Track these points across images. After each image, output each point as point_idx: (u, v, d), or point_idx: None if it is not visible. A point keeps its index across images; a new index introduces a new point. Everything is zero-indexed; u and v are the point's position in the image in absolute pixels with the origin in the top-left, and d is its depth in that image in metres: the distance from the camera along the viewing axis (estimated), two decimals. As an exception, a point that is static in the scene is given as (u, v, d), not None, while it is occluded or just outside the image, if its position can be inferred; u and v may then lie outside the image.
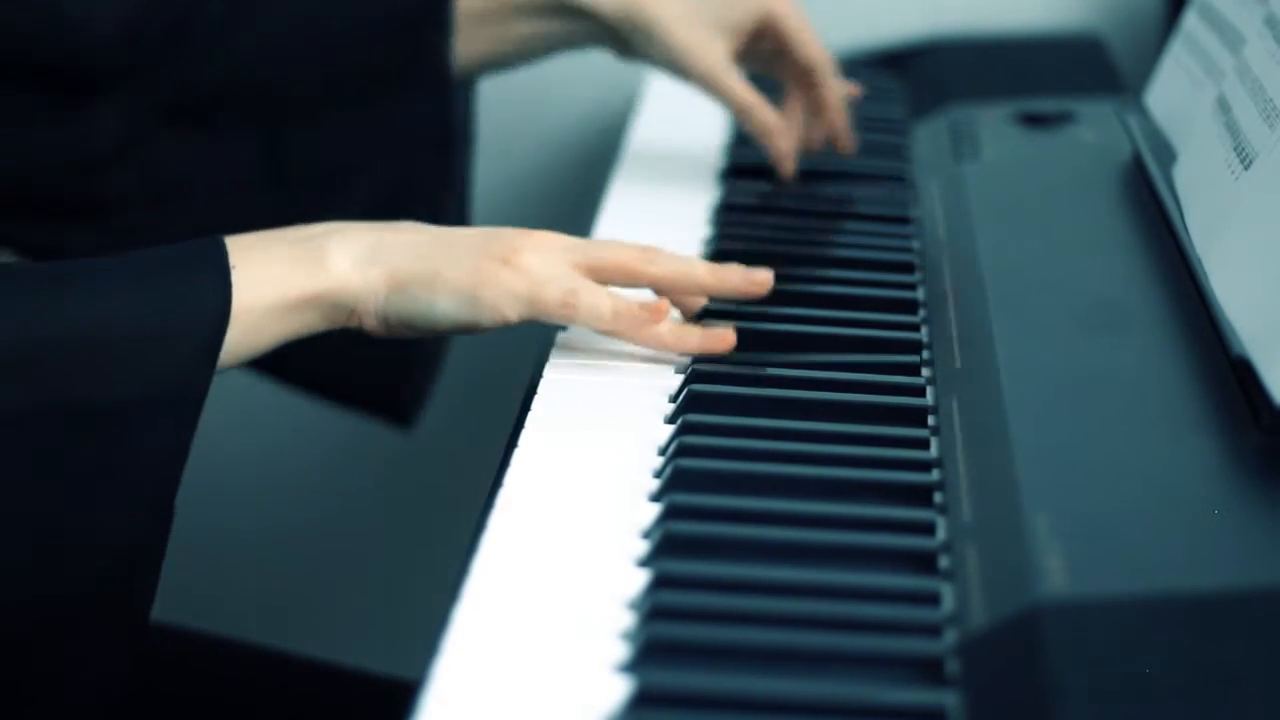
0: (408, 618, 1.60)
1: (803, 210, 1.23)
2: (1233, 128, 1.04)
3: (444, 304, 0.96)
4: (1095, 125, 1.29)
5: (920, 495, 0.86)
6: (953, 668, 0.74)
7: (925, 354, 1.00)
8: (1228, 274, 0.95)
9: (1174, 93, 1.21)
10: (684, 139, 1.37)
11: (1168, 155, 1.15)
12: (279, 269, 0.93)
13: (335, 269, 0.94)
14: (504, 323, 0.96)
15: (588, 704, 0.72)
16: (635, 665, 0.74)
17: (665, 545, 0.82)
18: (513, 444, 0.91)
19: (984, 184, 1.20)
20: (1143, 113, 1.24)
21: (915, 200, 1.24)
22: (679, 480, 0.87)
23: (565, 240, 0.99)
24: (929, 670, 0.74)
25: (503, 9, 1.27)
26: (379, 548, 1.81)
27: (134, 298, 0.90)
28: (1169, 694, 0.70)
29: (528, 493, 0.87)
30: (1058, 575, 0.75)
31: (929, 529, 0.84)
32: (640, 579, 0.80)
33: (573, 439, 0.92)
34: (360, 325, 0.96)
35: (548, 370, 0.99)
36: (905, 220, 1.21)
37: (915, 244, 1.16)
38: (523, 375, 1.01)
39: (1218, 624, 0.73)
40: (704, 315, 1.03)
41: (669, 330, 0.99)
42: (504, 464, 0.89)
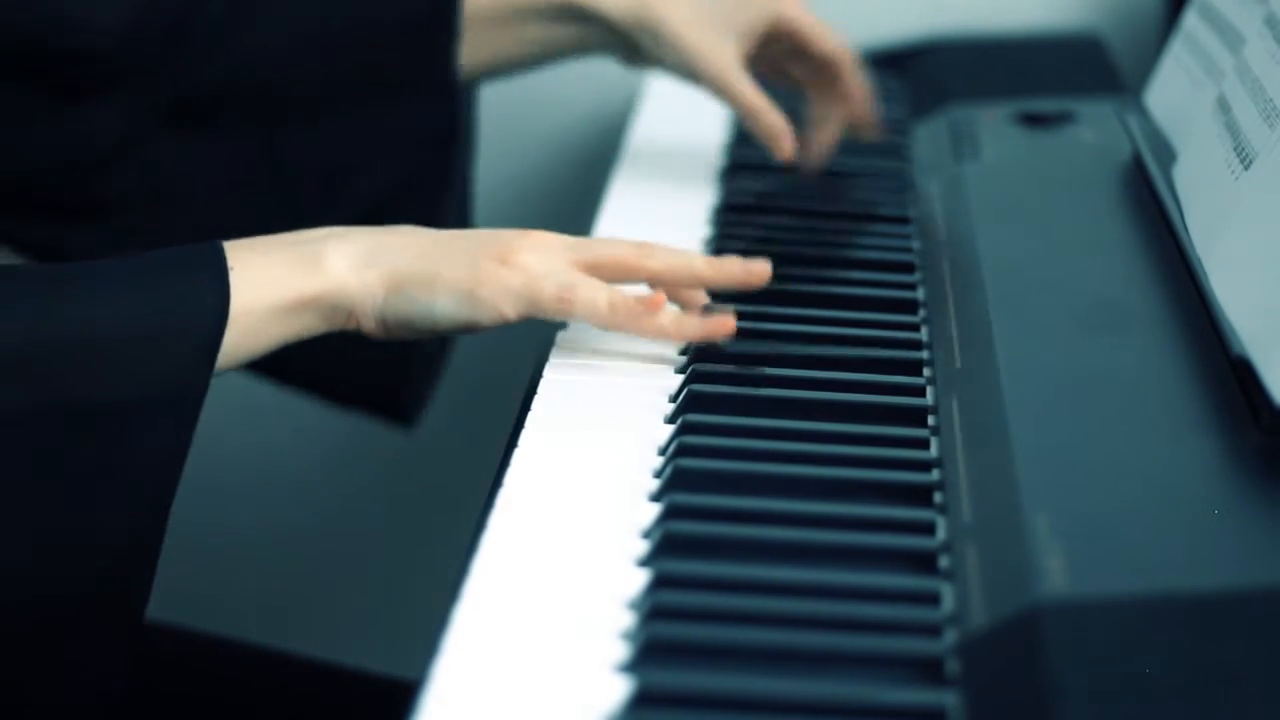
0: (408, 618, 1.60)
1: (803, 210, 1.23)
2: (1233, 128, 1.04)
3: (443, 303, 0.96)
4: (1095, 125, 1.29)
5: (920, 495, 0.86)
6: (953, 668, 0.74)
7: (925, 354, 1.00)
8: (1228, 274, 0.95)
9: (1174, 93, 1.21)
10: (684, 139, 1.37)
11: (1168, 155, 1.15)
12: (277, 271, 0.93)
13: (332, 271, 0.94)
14: (503, 320, 0.96)
15: (588, 704, 0.72)
16: (635, 665, 0.74)
17: (665, 545, 0.82)
18: (513, 444, 0.91)
19: (984, 184, 1.20)
20: (1143, 113, 1.24)
21: (915, 200, 1.24)
22: (679, 480, 0.87)
23: (563, 239, 0.99)
24: (929, 670, 0.74)
25: (510, 13, 1.27)
26: (379, 548, 1.81)
27: (133, 299, 0.90)
28: (1169, 694, 0.70)
29: (528, 493, 0.87)
30: (1058, 575, 0.75)
31: (929, 529, 0.84)
32: (640, 579, 0.80)
33: (573, 439, 0.92)
34: (359, 327, 0.96)
35: (548, 370, 0.99)
36: (905, 220, 1.21)
37: (915, 244, 1.16)
38: (523, 375, 1.01)
39: (1218, 624, 0.73)
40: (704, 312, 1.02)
41: (669, 320, 0.98)
42: (504, 464, 0.89)
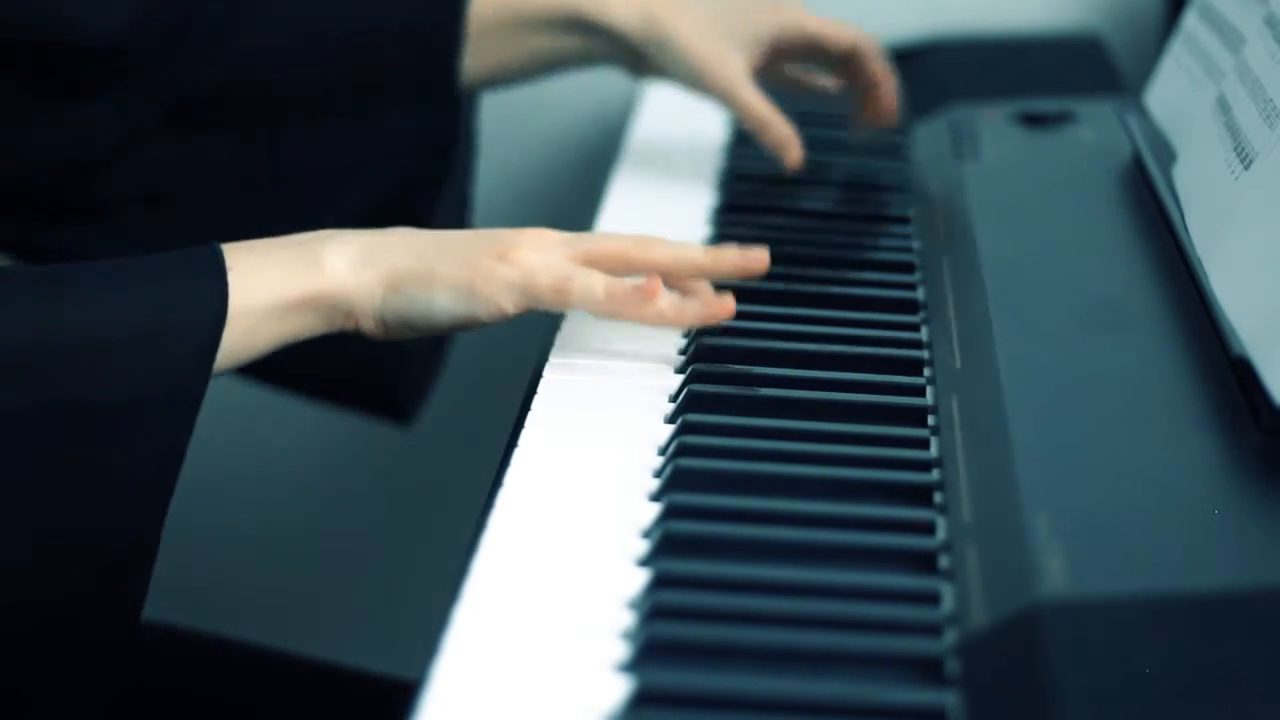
0: (408, 618, 1.60)
1: (803, 210, 1.23)
2: (1233, 128, 1.04)
3: (441, 300, 0.96)
4: (1095, 125, 1.29)
5: (920, 495, 0.86)
6: (953, 668, 0.74)
7: (925, 354, 1.00)
8: (1228, 274, 0.95)
9: (1174, 93, 1.21)
10: (684, 139, 1.37)
11: (1168, 155, 1.15)
12: (275, 271, 0.93)
13: (331, 270, 0.94)
14: (502, 315, 0.96)
15: (588, 703, 0.72)
16: (635, 665, 0.74)
17: (665, 545, 0.82)
18: (513, 444, 0.91)
19: (984, 184, 1.20)
20: (1143, 113, 1.24)
21: (915, 200, 1.24)
22: (679, 480, 0.87)
23: (560, 235, 0.99)
24: (929, 670, 0.74)
25: (515, 23, 1.27)
26: (379, 548, 1.81)
27: (131, 299, 0.90)
28: (1169, 694, 0.70)
29: (528, 493, 0.87)
30: (1058, 575, 0.75)
31: (929, 529, 0.84)
32: (640, 578, 0.80)
33: (573, 439, 0.92)
34: (358, 327, 0.96)
35: (548, 370, 0.99)
36: (905, 220, 1.21)
37: (915, 244, 1.16)
38: (523, 375, 1.01)
39: (1218, 624, 0.73)
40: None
41: (668, 305, 0.98)
42: (504, 464, 0.89)
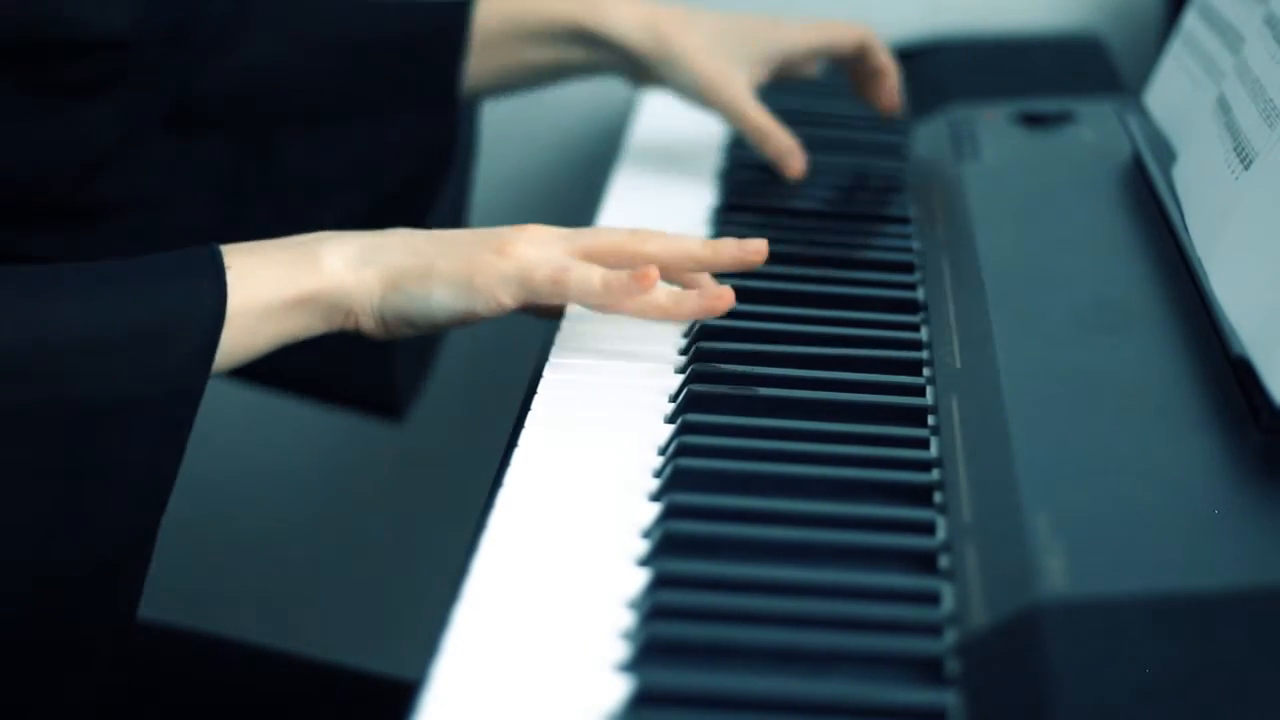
0: (408, 618, 1.60)
1: (803, 210, 1.23)
2: (1233, 128, 1.04)
3: (440, 295, 0.96)
4: (1095, 125, 1.29)
5: (920, 495, 0.86)
6: (953, 668, 0.74)
7: (925, 354, 1.00)
8: (1228, 274, 0.95)
9: (1174, 93, 1.21)
10: (684, 139, 1.37)
11: (1168, 155, 1.15)
12: (273, 270, 0.93)
13: (329, 270, 0.95)
14: (500, 309, 0.96)
15: (588, 703, 0.72)
16: (635, 664, 0.74)
17: (665, 545, 0.82)
18: (513, 444, 0.91)
19: (984, 184, 1.20)
20: (1143, 113, 1.24)
21: (915, 200, 1.24)
22: (679, 480, 0.87)
23: (558, 230, 0.99)
24: (929, 670, 0.74)
25: (520, 34, 1.27)
26: (379, 548, 1.81)
27: (130, 299, 0.90)
28: (1169, 694, 0.70)
29: (528, 493, 0.87)
30: (1058, 575, 0.75)
31: (929, 529, 0.83)
32: (640, 578, 0.80)
33: (573, 439, 0.92)
34: (358, 327, 0.96)
35: (548, 370, 0.99)
36: (905, 220, 1.21)
37: (915, 244, 1.16)
38: (523, 375, 1.01)
39: (1218, 624, 0.73)
40: None
41: (666, 297, 0.98)
42: (504, 464, 0.89)
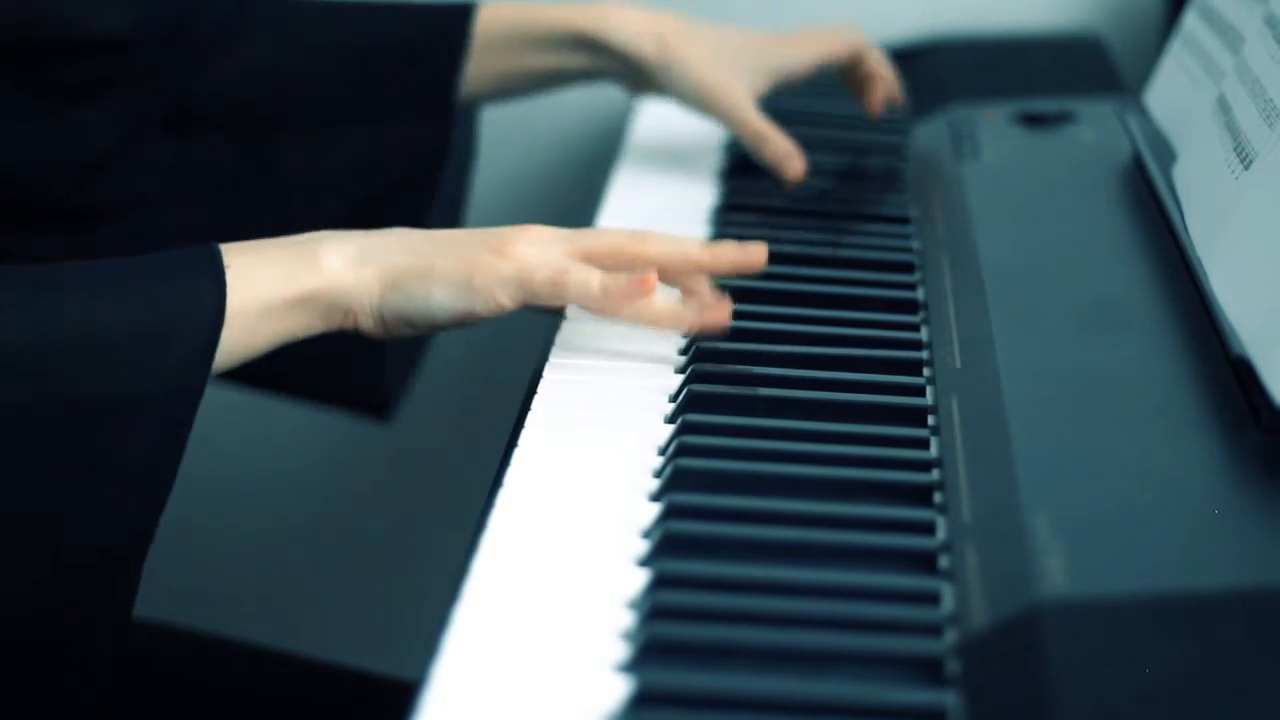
0: (408, 618, 1.60)
1: (803, 210, 1.23)
2: (1233, 128, 1.04)
3: (439, 295, 0.96)
4: (1095, 125, 1.29)
5: (920, 495, 0.86)
6: (953, 668, 0.74)
7: (925, 354, 1.00)
8: (1228, 274, 0.95)
9: (1174, 93, 1.21)
10: (684, 139, 1.37)
11: (1168, 155, 1.15)
12: (273, 269, 0.93)
13: (329, 269, 0.95)
14: (500, 309, 0.96)
15: (588, 704, 0.72)
16: (635, 665, 0.74)
17: (665, 545, 0.82)
18: (513, 444, 0.91)
19: (984, 184, 1.20)
20: (1143, 113, 1.24)
21: (915, 200, 1.24)
22: (679, 480, 0.87)
23: (557, 231, 0.99)
24: (929, 670, 0.74)
25: (523, 41, 1.27)
26: (379, 548, 1.81)
27: (131, 298, 0.90)
28: (1169, 694, 0.70)
29: (528, 493, 0.87)
30: (1058, 575, 0.75)
31: (929, 529, 0.83)
32: (640, 578, 0.80)
33: (573, 439, 0.92)
34: (357, 326, 0.96)
35: (548, 370, 0.99)
36: (905, 220, 1.21)
37: (915, 244, 1.16)
38: (523, 375, 1.01)
39: (1217, 624, 0.73)
40: None
41: (664, 305, 0.98)
42: (504, 464, 0.89)
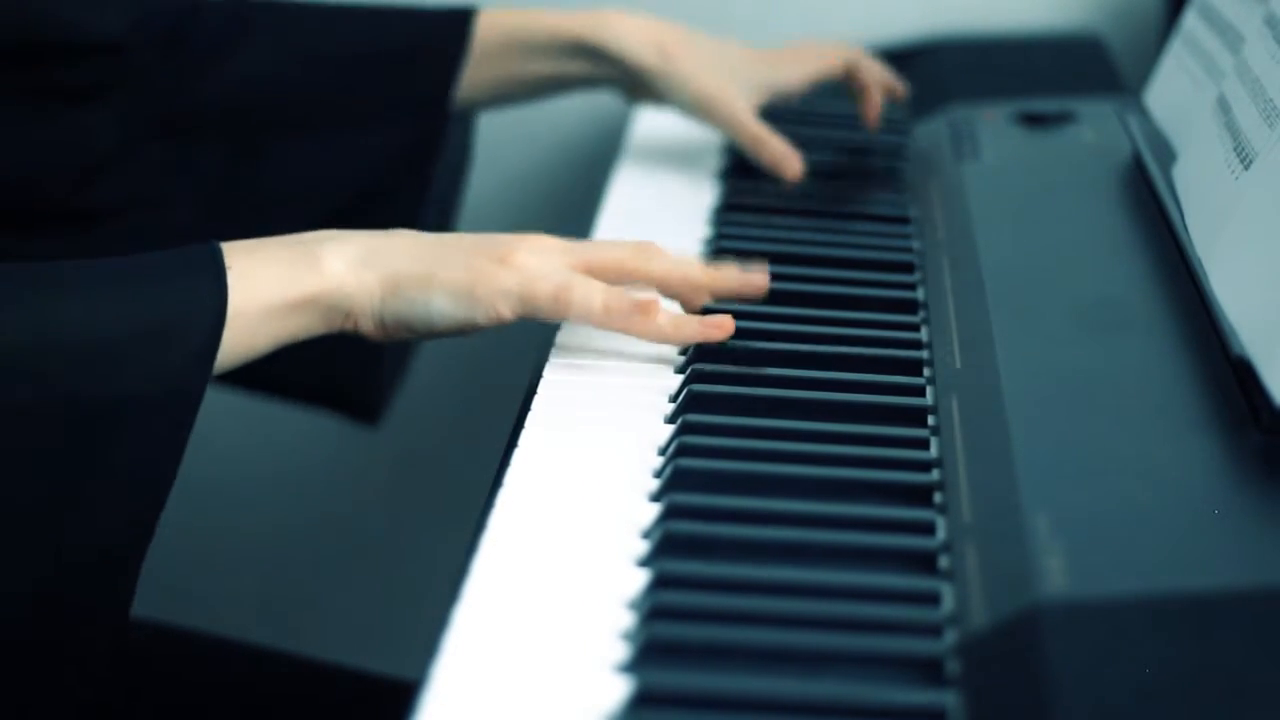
0: (408, 618, 1.60)
1: (803, 210, 1.23)
2: (1233, 128, 1.04)
3: (440, 303, 0.96)
4: (1095, 125, 1.29)
5: (920, 495, 0.86)
6: (953, 668, 0.74)
7: (925, 354, 1.00)
8: (1228, 274, 0.95)
9: (1174, 93, 1.21)
10: (684, 140, 1.37)
11: (1168, 155, 1.15)
12: (274, 270, 0.93)
13: (330, 271, 0.95)
14: (500, 320, 0.96)
15: (588, 704, 0.72)
16: (635, 665, 0.74)
17: (665, 545, 0.82)
18: (513, 444, 0.91)
19: (984, 184, 1.20)
20: (1143, 113, 1.24)
21: (915, 200, 1.24)
22: (679, 480, 0.87)
23: (561, 242, 0.99)
24: (929, 670, 0.74)
25: (522, 48, 1.28)
26: (379, 548, 1.81)
27: (131, 298, 0.90)
28: (1169, 694, 0.70)
29: (528, 493, 0.87)
30: (1058, 575, 0.75)
31: (929, 529, 0.83)
32: (640, 579, 0.80)
33: (573, 439, 0.92)
34: (357, 328, 0.96)
35: (548, 370, 0.99)
36: (905, 220, 1.21)
37: (915, 244, 1.16)
38: (522, 375, 1.01)
39: (1218, 624, 0.73)
40: (704, 313, 1.02)
41: (666, 321, 0.99)
42: (504, 464, 0.89)
